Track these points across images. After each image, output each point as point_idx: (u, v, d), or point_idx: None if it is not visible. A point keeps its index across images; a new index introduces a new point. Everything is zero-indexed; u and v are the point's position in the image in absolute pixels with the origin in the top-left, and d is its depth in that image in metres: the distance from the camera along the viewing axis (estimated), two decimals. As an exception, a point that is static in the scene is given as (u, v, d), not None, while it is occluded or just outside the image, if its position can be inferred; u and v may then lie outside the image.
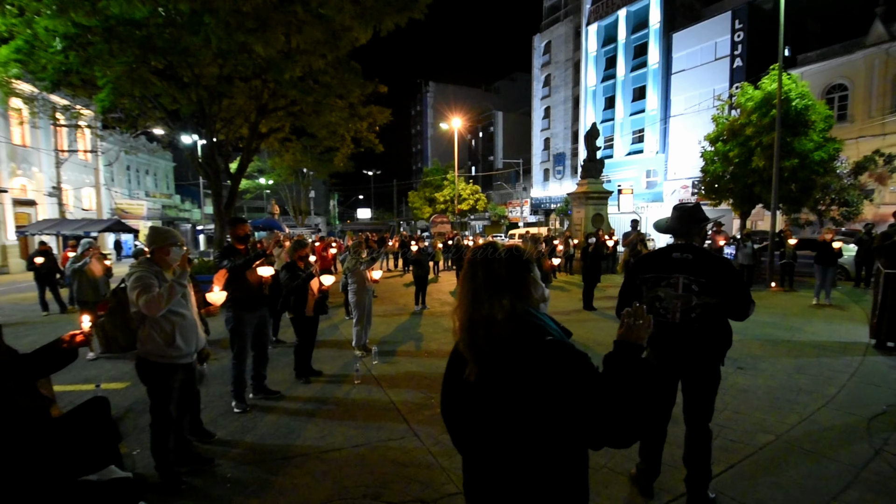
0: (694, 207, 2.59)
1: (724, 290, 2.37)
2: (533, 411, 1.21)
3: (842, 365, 5.22)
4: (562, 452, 1.25)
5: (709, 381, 2.52)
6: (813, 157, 11.54)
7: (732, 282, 2.38)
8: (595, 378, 1.20)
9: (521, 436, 1.25)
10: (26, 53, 8.77)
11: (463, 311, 1.32)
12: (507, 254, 1.36)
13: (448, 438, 3.58)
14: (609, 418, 1.19)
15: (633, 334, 1.32)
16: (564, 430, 1.21)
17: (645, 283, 2.55)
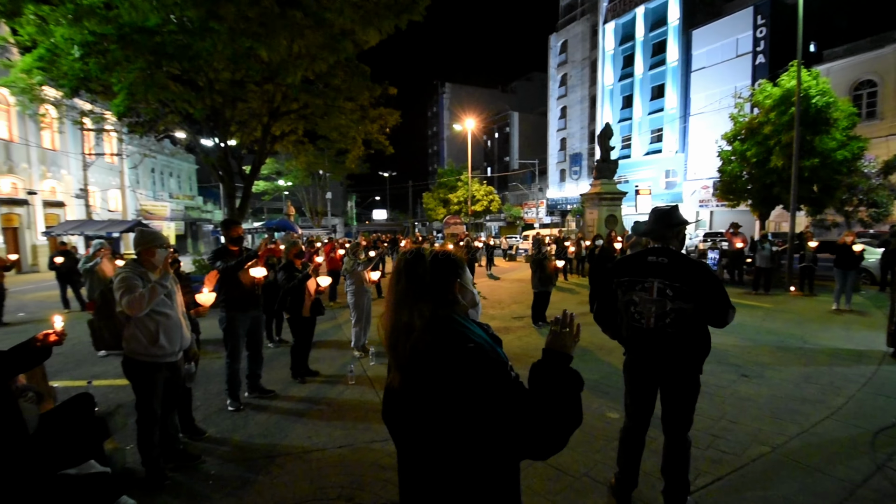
0: (671, 210, 2.51)
1: (699, 295, 2.28)
2: (450, 420, 1.19)
3: (854, 374, 4.99)
4: (483, 461, 1.22)
5: (685, 390, 2.44)
6: (835, 156, 11.08)
7: (708, 287, 2.29)
8: (511, 387, 1.17)
9: (440, 443, 1.22)
10: (48, 61, 9.15)
11: (386, 317, 1.31)
12: (432, 259, 1.34)
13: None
14: (527, 429, 1.15)
15: (558, 343, 1.29)
16: (483, 440, 1.18)
17: (620, 287, 2.48)
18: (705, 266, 2.36)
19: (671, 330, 2.32)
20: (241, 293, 4.35)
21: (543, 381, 1.23)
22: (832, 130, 11.26)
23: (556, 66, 40.20)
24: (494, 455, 1.21)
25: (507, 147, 48.39)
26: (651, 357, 2.45)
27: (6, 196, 20.45)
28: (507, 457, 1.23)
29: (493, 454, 1.21)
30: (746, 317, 8.15)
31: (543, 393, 1.20)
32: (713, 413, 3.99)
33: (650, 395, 2.54)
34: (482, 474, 1.23)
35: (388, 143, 14.65)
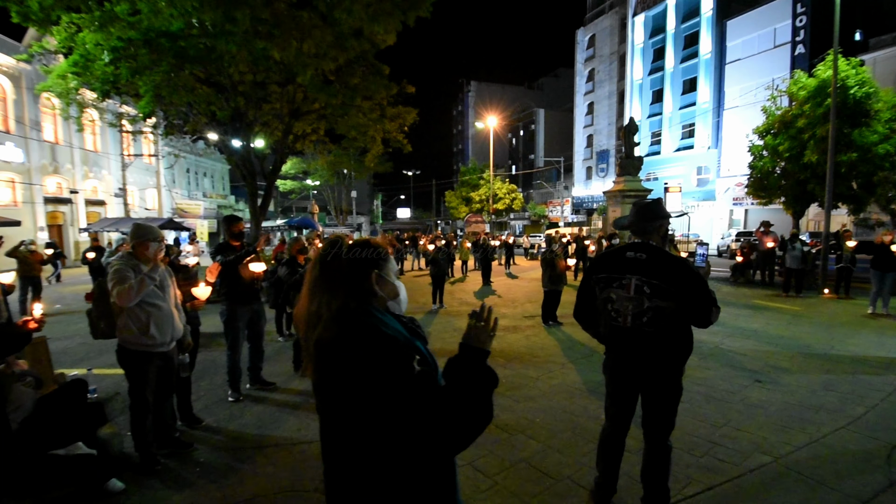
0: (652, 203, 2.39)
1: (679, 293, 2.16)
2: (352, 414, 1.16)
3: (881, 383, 4.64)
4: (393, 457, 1.18)
5: (665, 392, 2.31)
6: (877, 150, 10.34)
7: (688, 285, 2.16)
8: (412, 383, 1.13)
9: (348, 437, 1.20)
10: (82, 66, 9.66)
11: (300, 306, 1.29)
12: (349, 248, 1.31)
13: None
14: (429, 426, 1.11)
15: (473, 337, 1.24)
16: (386, 436, 1.15)
17: (598, 284, 2.38)
18: (685, 263, 2.22)
19: (649, 329, 2.20)
20: (241, 287, 4.46)
21: (455, 378, 1.19)
22: (873, 123, 10.51)
23: (583, 62, 39.37)
24: (403, 451, 1.17)
25: (532, 145, 47.78)
26: (629, 357, 2.34)
27: (52, 195, 21.79)
28: (417, 453, 1.19)
29: (400, 450, 1.17)
30: (771, 320, 7.75)
31: (453, 389, 1.16)
32: (717, 419, 3.79)
33: (630, 397, 2.42)
34: (395, 470, 1.19)
35: (406, 142, 14.74)
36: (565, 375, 4.97)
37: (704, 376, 4.88)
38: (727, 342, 6.33)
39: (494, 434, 3.59)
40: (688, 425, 3.67)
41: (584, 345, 6.29)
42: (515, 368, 5.25)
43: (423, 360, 1.24)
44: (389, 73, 11.79)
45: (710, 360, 5.45)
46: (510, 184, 36.39)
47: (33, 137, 20.55)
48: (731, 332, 6.88)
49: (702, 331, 6.82)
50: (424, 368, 1.17)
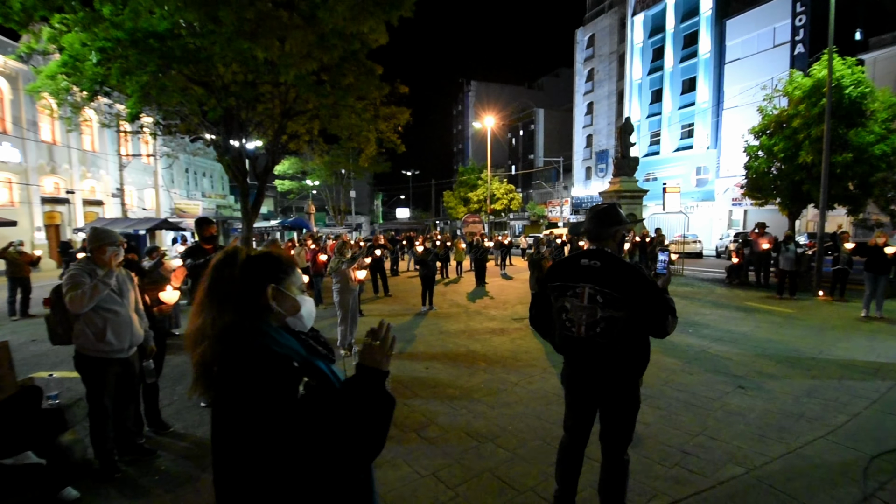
0: (608, 208, 2.30)
1: (631, 303, 2.07)
2: (237, 437, 1.08)
3: (866, 389, 4.54)
4: (279, 484, 1.10)
5: (621, 404, 2.23)
6: (873, 150, 10.21)
7: (641, 294, 2.08)
8: (296, 407, 1.05)
9: (232, 461, 1.12)
10: (72, 66, 9.62)
11: (189, 321, 1.22)
12: (245, 260, 1.23)
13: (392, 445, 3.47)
14: (320, 449, 1.04)
15: (368, 357, 1.16)
16: (271, 460, 1.07)
17: (553, 292, 2.30)
18: (638, 271, 2.13)
19: (602, 340, 2.12)
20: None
21: (347, 400, 1.11)
22: (869, 123, 10.38)
23: (582, 61, 39.22)
24: (289, 476, 1.10)
25: (532, 145, 47.65)
26: (584, 368, 2.26)
27: (49, 195, 21.81)
28: (305, 478, 1.11)
29: (285, 476, 1.09)
30: (761, 323, 7.64)
31: (344, 412, 1.09)
32: (693, 427, 3.70)
33: (587, 409, 2.34)
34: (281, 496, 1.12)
35: (399, 142, 14.66)
36: (545, 381, 4.89)
37: (686, 382, 4.79)
38: (714, 346, 6.23)
39: (464, 442, 3.52)
40: (662, 434, 3.59)
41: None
42: (496, 373, 5.16)
43: (322, 380, 1.17)
44: (388, 74, 11.71)
45: (695, 365, 5.36)
46: (508, 184, 36.24)
47: (30, 138, 20.56)
48: (719, 336, 6.78)
49: (689, 334, 6.87)
50: (309, 392, 1.09)
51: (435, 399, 4.43)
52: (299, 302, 1.28)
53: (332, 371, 1.27)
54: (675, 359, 5.62)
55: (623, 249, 2.34)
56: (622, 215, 2.29)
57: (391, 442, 3.53)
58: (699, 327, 7.40)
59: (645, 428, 3.70)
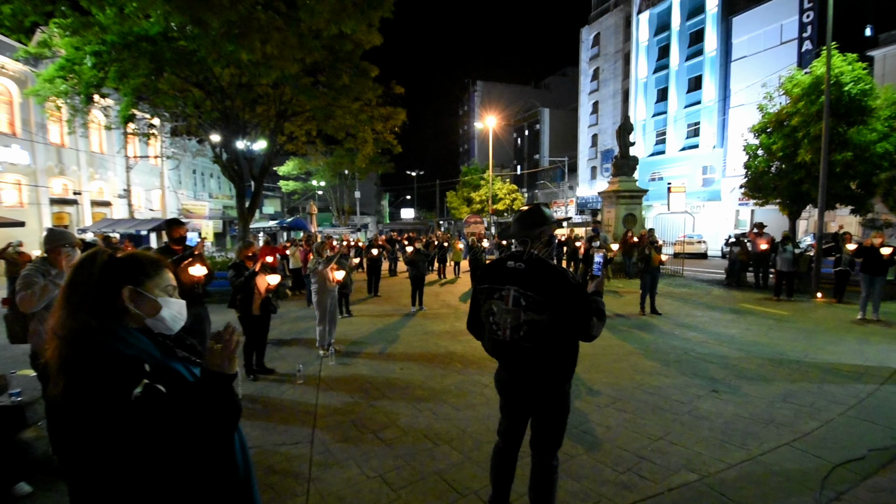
0: (532, 209, 2.25)
1: (554, 306, 2.03)
2: (80, 440, 1.08)
3: (845, 394, 4.41)
4: (127, 488, 1.09)
5: (549, 410, 2.18)
6: (875, 149, 9.95)
7: (563, 297, 2.03)
8: (131, 410, 1.05)
9: (78, 465, 1.11)
10: (69, 70, 9.80)
11: (48, 321, 1.22)
12: (105, 261, 1.22)
13: (336, 447, 3.47)
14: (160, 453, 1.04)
15: (209, 360, 1.15)
16: (114, 464, 1.06)
17: (481, 295, 2.27)
18: (561, 273, 2.08)
19: (526, 344, 2.08)
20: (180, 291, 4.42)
21: (193, 403, 1.10)
22: (870, 121, 10.12)
23: (587, 60, 38.92)
24: (135, 479, 1.09)
25: (537, 144, 47.42)
26: (511, 371, 2.22)
27: (58, 196, 22.25)
28: (151, 481, 1.10)
29: (130, 479, 1.09)
30: (752, 325, 7.49)
31: (188, 415, 1.08)
32: (655, 432, 3.63)
33: (517, 413, 2.30)
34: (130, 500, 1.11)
35: (396, 143, 14.68)
36: (517, 382, 4.83)
37: (660, 384, 4.71)
38: (698, 348, 6.12)
39: (420, 444, 3.50)
40: (622, 437, 3.53)
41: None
42: (470, 374, 5.13)
43: (177, 382, 1.16)
44: (395, 75, 11.90)
45: (673, 368, 5.27)
46: (511, 184, 36.08)
47: (39, 140, 20.97)
48: (705, 338, 6.66)
49: (674, 336, 6.77)
50: (146, 394, 1.08)
51: (402, 400, 4.40)
52: (160, 304, 1.28)
53: (192, 373, 1.26)
54: (655, 361, 5.53)
55: (553, 250, 2.28)
56: (548, 215, 2.24)
57: (346, 443, 3.52)
58: (687, 329, 7.29)
59: (605, 431, 3.65)
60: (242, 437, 1.38)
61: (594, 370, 5.23)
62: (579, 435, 3.58)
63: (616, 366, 5.38)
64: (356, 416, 4.03)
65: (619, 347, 6.22)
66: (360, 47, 11.17)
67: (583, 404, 4.23)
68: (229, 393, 1.15)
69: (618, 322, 7.86)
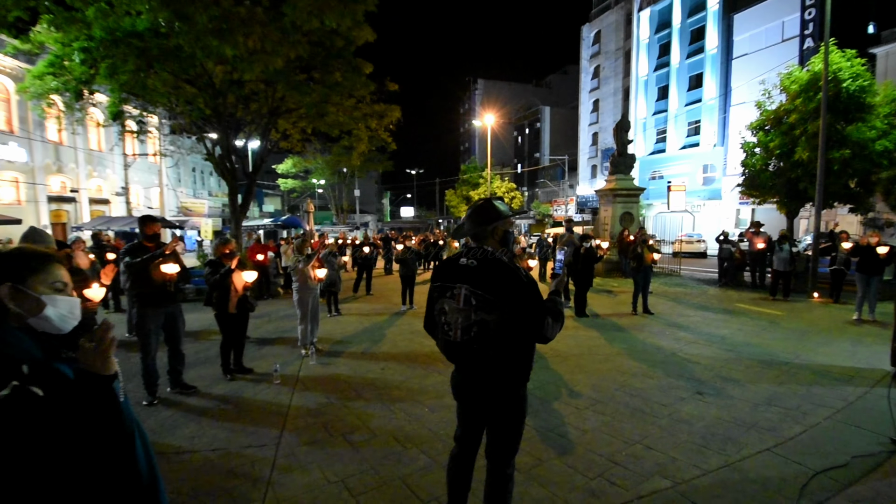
0: (484, 203, 2.14)
1: (504, 305, 1.92)
2: None
3: (833, 397, 4.28)
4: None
5: (503, 415, 2.07)
6: (874, 147, 9.77)
7: (514, 295, 1.92)
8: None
9: None
10: (59, 66, 9.72)
11: None
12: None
13: (302, 450, 3.37)
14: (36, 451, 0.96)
15: (83, 360, 1.06)
16: None
17: (434, 293, 2.16)
18: (511, 271, 1.96)
19: (476, 345, 1.97)
20: (151, 289, 4.35)
21: (69, 404, 1.02)
22: (869, 118, 9.94)
23: (588, 58, 38.68)
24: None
25: (538, 143, 47.22)
26: (464, 374, 2.11)
27: (56, 194, 22.26)
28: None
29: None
30: (744, 325, 7.36)
31: (69, 416, 1.00)
32: (632, 436, 3.51)
33: (472, 417, 2.19)
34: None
35: (391, 140, 14.57)
36: (498, 384, 4.73)
37: (643, 387, 4.59)
38: (687, 349, 6.00)
39: (389, 447, 3.40)
40: (597, 441, 3.42)
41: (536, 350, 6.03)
42: (445, 373, 4.96)
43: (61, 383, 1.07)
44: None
45: (659, 369, 5.15)
46: (510, 182, 35.91)
47: (37, 138, 20.95)
48: (695, 339, 6.54)
49: (665, 337, 6.64)
50: (14, 395, 0.99)
51: (378, 401, 4.31)
52: (44, 302, 1.18)
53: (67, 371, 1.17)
54: (641, 362, 5.42)
55: (510, 247, 2.17)
56: (500, 210, 2.13)
57: (313, 446, 3.43)
58: (678, 329, 7.16)
59: (581, 435, 3.54)
60: (147, 441, 1.29)
61: (578, 371, 5.12)
62: (553, 438, 3.47)
63: (601, 367, 5.27)
64: (328, 418, 3.93)
65: (607, 348, 6.11)
66: (353, 43, 11.06)
67: (562, 406, 4.12)
68: (107, 395, 1.06)
69: (608, 322, 7.74)
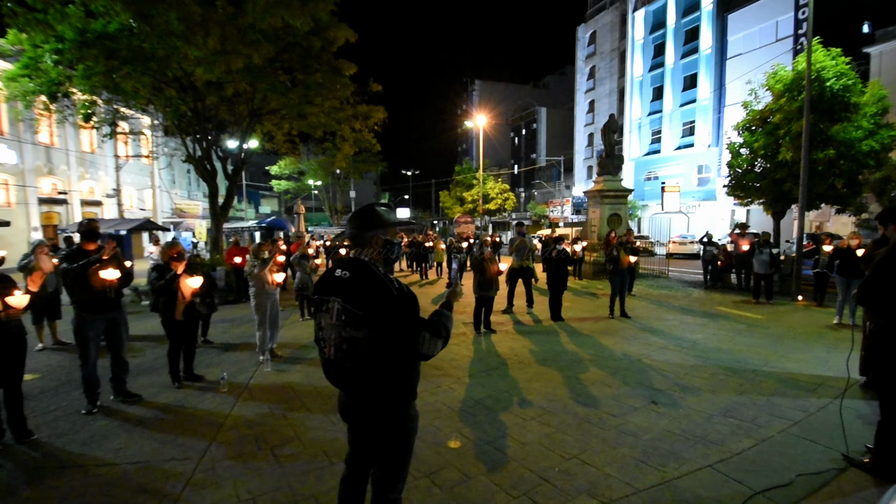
0: (365, 209, 2.00)
1: (373, 321, 1.77)
2: None
3: (793, 408, 4.12)
4: None
5: (383, 438, 1.93)
6: (860, 147, 9.60)
7: (383, 311, 1.76)
8: None
9: None
10: (33, 69, 9.63)
11: None
12: None
13: (224, 464, 3.23)
14: None
15: None
16: None
17: (314, 307, 2.02)
18: (380, 284, 1.81)
19: (348, 363, 1.83)
20: (90, 295, 4.22)
21: None
22: (855, 118, 9.76)
23: (584, 59, 38.55)
24: None
25: (534, 144, 47.08)
26: (345, 393, 1.97)
27: (47, 196, 22.20)
28: None
29: None
30: (719, 330, 7.19)
31: None
32: (572, 449, 3.36)
33: (358, 439, 2.04)
34: None
35: (375, 142, 14.46)
36: (451, 392, 4.58)
37: (599, 395, 4.44)
38: (654, 355, 5.84)
39: (316, 461, 3.26)
40: (533, 455, 3.27)
41: (500, 356, 5.90)
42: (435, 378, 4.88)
43: None
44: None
45: (618, 377, 4.99)
46: (503, 183, 35.76)
47: (27, 140, 20.89)
48: (665, 344, 6.38)
49: (634, 341, 6.50)
50: None
51: (320, 412, 4.16)
52: None
53: None
54: (603, 369, 5.26)
55: (393, 258, 2.01)
56: (382, 217, 1.98)
57: (237, 460, 3.30)
58: (650, 334, 7.00)
59: (518, 448, 3.39)
60: None
61: (537, 379, 4.97)
62: (488, 452, 3.32)
63: (561, 374, 5.12)
64: (263, 429, 3.80)
65: (572, 354, 5.95)
66: (332, 43, 10.96)
67: (508, 417, 3.97)
68: None
69: (582, 326, 7.58)
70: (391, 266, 2.00)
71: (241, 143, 12.35)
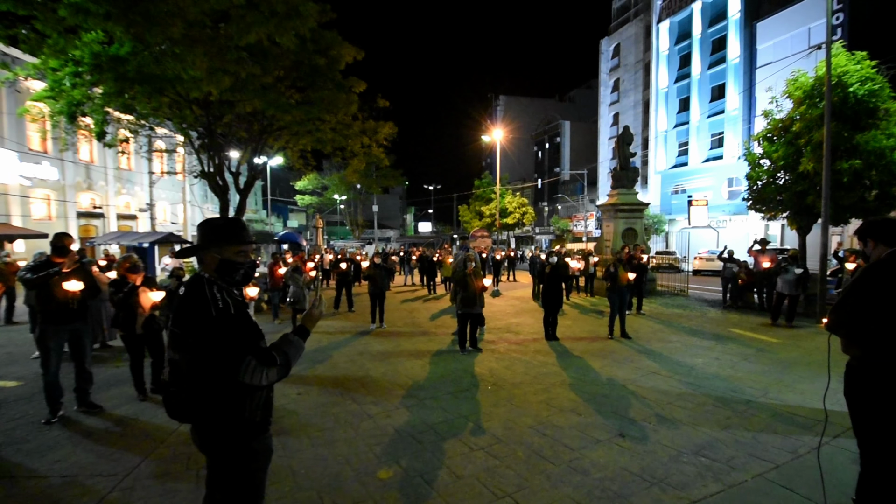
0: (202, 224, 1.81)
1: (190, 343, 1.62)
2: None
3: (781, 447, 3.66)
4: None
5: (218, 478, 1.77)
6: (892, 156, 8.82)
7: (199, 332, 1.60)
8: None
9: None
10: (58, 92, 10.28)
11: None
12: None
13: (145, 483, 3.13)
14: None
15: None
16: None
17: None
18: (201, 302, 1.62)
19: (173, 388, 1.70)
20: (53, 306, 4.30)
21: None
22: (884, 124, 9.00)
23: (607, 72, 37.99)
24: None
25: (558, 157, 46.50)
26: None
27: (85, 210, 23.62)
28: None
29: None
30: (724, 354, 6.63)
31: None
32: (508, 486, 3.07)
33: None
34: None
35: (383, 156, 14.59)
36: (406, 415, 4.36)
37: (563, 424, 4.10)
38: (642, 380, 5.41)
39: (238, 487, 3.10)
40: (463, 492, 3.00)
41: (475, 376, 5.63)
42: (364, 403, 4.70)
43: None
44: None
45: (593, 404, 4.62)
46: (521, 197, 35.32)
47: (68, 158, 22.33)
48: (658, 368, 5.92)
49: (624, 365, 6.07)
50: None
51: (267, 431, 4.03)
52: None
53: None
54: (580, 395, 4.90)
55: (234, 280, 1.79)
56: (217, 233, 1.76)
57: (159, 479, 3.21)
58: (646, 357, 6.54)
59: (451, 483, 3.13)
60: None
61: (505, 403, 4.68)
62: (415, 486, 3.08)
63: (532, 399, 4.80)
64: (192, 451, 3.68)
65: (555, 377, 5.61)
66: (337, 61, 11.19)
67: (455, 445, 3.71)
68: None
69: (576, 346, 7.19)
70: (238, 286, 1.84)
71: (251, 159, 12.70)
